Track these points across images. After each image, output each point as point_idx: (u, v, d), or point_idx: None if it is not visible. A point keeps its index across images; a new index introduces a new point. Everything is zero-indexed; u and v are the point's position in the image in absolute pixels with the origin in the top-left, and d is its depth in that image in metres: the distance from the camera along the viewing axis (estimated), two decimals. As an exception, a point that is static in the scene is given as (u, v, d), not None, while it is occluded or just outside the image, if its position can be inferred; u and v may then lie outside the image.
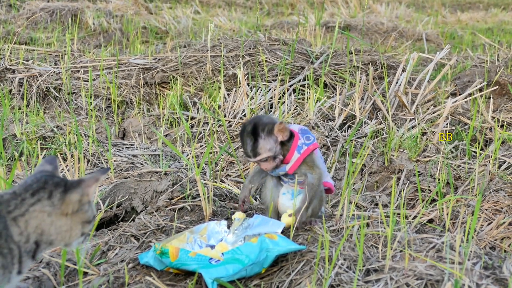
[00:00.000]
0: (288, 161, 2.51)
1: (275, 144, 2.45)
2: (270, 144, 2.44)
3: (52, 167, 1.83)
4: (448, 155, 3.55)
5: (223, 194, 3.02)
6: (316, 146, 2.54)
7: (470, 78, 4.92)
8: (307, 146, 2.50)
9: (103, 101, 4.50)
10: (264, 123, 2.45)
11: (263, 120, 2.46)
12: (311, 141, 2.53)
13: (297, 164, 2.50)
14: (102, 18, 7.84)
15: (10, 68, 4.79)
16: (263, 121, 2.46)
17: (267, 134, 2.44)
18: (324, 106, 4.12)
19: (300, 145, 2.50)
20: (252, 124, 2.45)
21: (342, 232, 2.44)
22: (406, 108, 4.02)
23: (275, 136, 2.45)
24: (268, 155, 2.45)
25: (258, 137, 2.44)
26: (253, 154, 2.46)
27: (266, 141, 2.43)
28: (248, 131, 2.46)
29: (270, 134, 2.44)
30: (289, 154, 2.50)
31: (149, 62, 4.78)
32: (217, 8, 10.70)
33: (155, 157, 3.44)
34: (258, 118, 2.49)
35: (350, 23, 8.39)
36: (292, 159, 2.50)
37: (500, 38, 7.97)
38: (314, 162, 2.52)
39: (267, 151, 2.44)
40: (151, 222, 2.69)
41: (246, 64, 4.63)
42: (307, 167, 2.51)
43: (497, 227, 2.70)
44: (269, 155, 2.45)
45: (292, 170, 2.51)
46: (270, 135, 2.44)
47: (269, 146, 2.44)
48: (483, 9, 12.83)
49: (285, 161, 2.52)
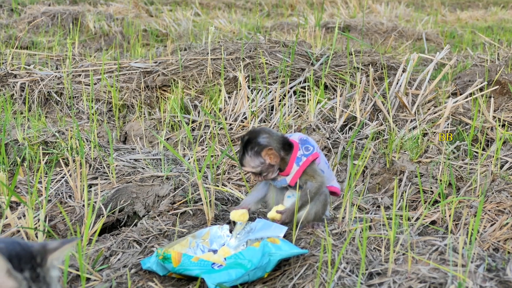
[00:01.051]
0: (288, 173, 2.53)
1: (261, 165, 2.49)
2: (255, 163, 2.49)
3: None
4: (450, 155, 3.55)
5: (225, 198, 3.02)
6: (316, 156, 2.54)
7: (471, 78, 4.92)
8: (306, 157, 2.51)
9: (104, 105, 4.50)
10: (256, 142, 2.49)
11: (258, 138, 2.50)
12: (310, 151, 2.53)
13: (297, 176, 2.52)
14: (103, 22, 7.85)
15: (11, 73, 4.80)
16: (257, 140, 2.49)
17: (254, 154, 2.48)
18: (324, 108, 4.12)
19: (299, 156, 2.51)
20: (247, 138, 2.50)
21: (345, 235, 2.44)
22: (407, 109, 4.02)
23: (263, 158, 2.48)
24: (251, 171, 2.50)
25: (246, 153, 2.50)
26: (240, 164, 2.54)
27: (252, 159, 2.49)
28: (243, 141, 2.53)
29: (257, 155, 2.49)
30: (288, 166, 2.52)
31: (150, 66, 4.79)
32: (217, 10, 10.70)
33: (157, 161, 3.44)
34: (257, 134, 2.52)
35: (350, 24, 8.39)
36: (292, 171, 2.52)
37: (500, 37, 7.97)
38: (315, 172, 2.53)
39: (251, 167, 2.49)
40: (154, 227, 2.69)
41: (247, 67, 4.63)
42: (307, 176, 2.53)
43: (500, 228, 2.70)
44: (253, 171, 2.50)
45: (293, 182, 2.53)
46: (257, 156, 2.49)
47: (253, 164, 2.49)
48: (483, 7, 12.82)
49: (284, 173, 2.53)
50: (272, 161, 2.50)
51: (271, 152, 2.48)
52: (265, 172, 2.52)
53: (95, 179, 3.21)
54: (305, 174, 2.52)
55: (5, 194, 2.86)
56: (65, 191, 3.08)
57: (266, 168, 2.51)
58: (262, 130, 2.57)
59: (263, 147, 2.48)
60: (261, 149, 2.48)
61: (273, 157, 2.49)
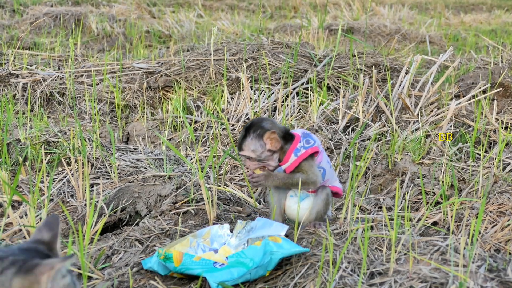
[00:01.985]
0: (285, 162, 2.53)
1: (261, 149, 2.48)
2: (255, 146, 2.48)
3: (50, 234, 1.58)
4: (452, 157, 3.55)
5: (227, 198, 3.02)
6: (316, 150, 2.53)
7: (474, 80, 4.92)
8: (305, 150, 2.51)
9: (106, 105, 4.50)
10: (260, 126, 2.49)
11: (262, 123, 2.51)
12: (311, 144, 2.53)
13: (293, 166, 2.51)
14: (105, 23, 7.86)
15: (14, 73, 4.80)
16: (260, 124, 2.50)
17: (256, 137, 2.48)
18: (327, 109, 4.11)
19: (299, 148, 2.51)
20: (251, 122, 2.51)
21: (346, 235, 2.43)
22: (409, 110, 4.02)
23: (264, 142, 2.48)
24: (249, 155, 2.49)
25: (248, 135, 2.49)
26: (239, 148, 2.53)
27: (253, 142, 2.48)
28: (245, 126, 2.53)
29: (259, 138, 2.48)
30: (286, 156, 2.52)
31: (152, 66, 4.79)
32: (220, 12, 10.71)
33: (159, 161, 3.44)
34: (260, 120, 2.54)
35: (353, 26, 8.39)
36: (289, 161, 2.52)
37: (504, 40, 7.96)
38: (311, 167, 2.53)
39: (250, 151, 2.48)
40: (155, 226, 2.69)
41: (249, 68, 4.63)
42: (302, 170, 2.52)
43: (502, 230, 2.70)
44: (251, 155, 2.49)
45: (288, 170, 2.53)
46: (258, 139, 2.48)
47: (253, 147, 2.48)
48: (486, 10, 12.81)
49: (283, 162, 2.53)
50: (272, 146, 2.49)
51: (273, 136, 2.47)
52: (264, 160, 2.51)
53: (97, 179, 3.21)
54: (300, 168, 2.52)
55: (7, 193, 2.86)
56: (67, 191, 3.08)
57: (265, 154, 2.50)
58: (266, 118, 2.59)
59: (266, 130, 2.48)
60: (263, 132, 2.48)
61: (274, 142, 2.48)
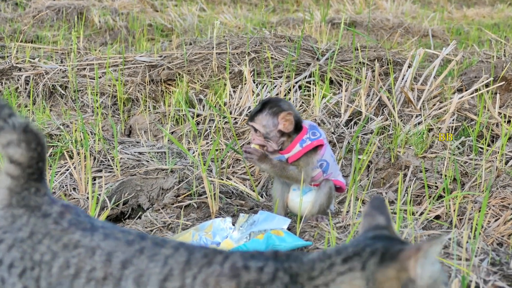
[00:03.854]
0: (288, 152, 2.52)
1: (272, 127, 2.48)
2: (267, 122, 2.48)
3: (384, 217, 1.42)
4: (455, 151, 3.54)
5: (229, 191, 3.02)
6: (321, 143, 2.53)
7: (477, 74, 4.90)
8: (311, 141, 2.51)
9: (109, 98, 4.50)
10: (277, 104, 2.51)
11: (280, 102, 2.53)
12: (317, 137, 2.53)
13: (297, 156, 2.52)
14: (108, 16, 7.85)
15: (16, 66, 4.80)
16: (278, 103, 2.52)
17: (271, 113, 2.49)
18: (330, 103, 4.11)
19: (305, 139, 2.52)
20: (269, 98, 2.54)
21: (349, 228, 2.43)
22: (412, 104, 4.01)
23: (277, 121, 2.48)
24: (258, 128, 2.48)
25: (264, 109, 2.50)
26: (251, 118, 2.53)
27: (266, 117, 2.49)
28: (264, 99, 2.55)
29: (274, 115, 2.49)
30: (291, 145, 2.52)
31: (155, 60, 4.78)
32: (222, 5, 10.69)
33: (161, 155, 3.44)
34: (279, 99, 2.59)
35: (356, 20, 8.37)
36: (294, 150, 2.52)
37: (507, 34, 7.94)
38: (307, 165, 2.53)
39: (261, 125, 2.49)
40: (158, 220, 2.69)
41: (252, 61, 4.63)
42: (301, 163, 2.53)
43: (504, 223, 2.69)
44: (260, 129, 2.48)
45: (291, 160, 2.53)
46: (273, 116, 2.49)
47: (265, 122, 2.48)
48: (489, 4, 12.78)
49: (285, 151, 2.53)
50: (284, 128, 2.48)
51: (289, 117, 2.47)
52: (269, 139, 2.51)
53: (99, 172, 3.21)
54: (300, 160, 2.52)
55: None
56: (70, 184, 3.08)
57: (273, 133, 2.49)
58: (284, 99, 2.60)
59: (282, 109, 2.49)
60: (280, 111, 2.48)
61: (288, 124, 2.48)
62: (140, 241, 1.42)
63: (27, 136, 1.51)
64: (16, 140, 1.51)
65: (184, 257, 1.37)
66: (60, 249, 1.43)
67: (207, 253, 1.39)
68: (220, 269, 1.34)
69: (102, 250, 1.40)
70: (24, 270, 1.43)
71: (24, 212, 1.50)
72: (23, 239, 1.46)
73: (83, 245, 1.42)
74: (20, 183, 1.52)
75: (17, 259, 1.44)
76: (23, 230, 1.47)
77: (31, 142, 1.51)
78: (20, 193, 1.52)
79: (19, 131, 1.51)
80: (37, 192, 1.53)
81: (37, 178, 1.54)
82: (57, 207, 1.51)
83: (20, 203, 1.51)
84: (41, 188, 1.54)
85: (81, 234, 1.44)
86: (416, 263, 1.25)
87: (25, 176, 1.53)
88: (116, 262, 1.38)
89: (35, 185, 1.53)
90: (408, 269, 1.26)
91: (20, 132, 1.51)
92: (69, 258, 1.41)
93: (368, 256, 1.29)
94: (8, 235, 1.47)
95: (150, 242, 1.42)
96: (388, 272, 1.27)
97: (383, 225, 1.39)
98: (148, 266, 1.37)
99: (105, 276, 1.38)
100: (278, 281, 1.31)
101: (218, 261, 1.36)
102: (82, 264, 1.40)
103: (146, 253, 1.39)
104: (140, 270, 1.37)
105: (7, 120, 1.52)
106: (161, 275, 1.36)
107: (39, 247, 1.44)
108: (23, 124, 1.53)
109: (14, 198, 1.52)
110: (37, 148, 1.52)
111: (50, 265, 1.42)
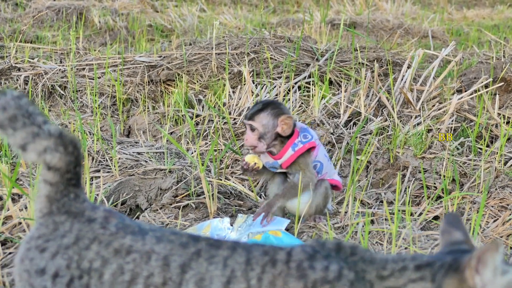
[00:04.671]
0: (280, 157, 2.53)
1: (271, 128, 2.50)
2: (268, 122, 2.50)
3: (461, 232, 1.42)
4: (454, 152, 3.54)
5: (227, 192, 3.01)
6: (313, 145, 2.54)
7: (476, 75, 4.90)
8: (302, 144, 2.52)
9: (108, 99, 4.50)
10: (278, 106, 2.53)
11: (281, 105, 2.56)
12: (308, 139, 2.54)
13: (291, 160, 2.52)
14: (108, 16, 7.85)
15: (15, 66, 4.80)
16: (279, 106, 2.55)
17: (272, 114, 2.50)
18: (329, 103, 4.11)
19: (296, 142, 2.52)
20: (270, 100, 2.55)
21: (347, 229, 2.43)
22: (411, 105, 4.01)
23: (277, 123, 2.49)
24: (257, 127, 2.49)
25: (265, 109, 2.51)
26: (249, 117, 2.53)
27: (267, 117, 2.50)
28: (264, 100, 2.57)
29: (275, 116, 2.50)
30: (283, 150, 2.52)
31: (154, 60, 4.78)
32: (222, 6, 10.69)
33: (160, 155, 3.43)
34: (279, 102, 2.61)
35: (356, 21, 8.37)
36: (286, 155, 2.52)
37: (506, 35, 7.94)
38: (307, 166, 2.53)
39: (261, 124, 2.50)
40: (156, 220, 2.68)
41: (251, 62, 4.62)
42: (298, 168, 2.53)
43: (503, 224, 2.69)
44: (258, 128, 2.49)
45: (285, 165, 2.54)
46: (273, 117, 2.50)
47: (265, 122, 2.50)
48: (489, 6, 12.78)
49: (277, 156, 2.53)
50: (282, 131, 2.50)
51: (288, 120, 2.49)
52: (264, 139, 2.51)
53: (97, 172, 3.21)
54: (297, 164, 2.53)
55: (7, 185, 2.86)
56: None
57: (269, 134, 2.51)
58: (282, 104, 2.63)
59: (283, 112, 2.51)
60: (281, 113, 2.50)
61: (286, 128, 2.50)
62: (195, 243, 1.39)
63: (63, 141, 1.49)
64: (53, 145, 1.49)
65: (244, 257, 1.36)
66: (111, 255, 1.39)
67: (266, 250, 1.37)
68: (286, 269, 1.33)
69: (157, 254, 1.37)
70: (71, 279, 1.39)
71: (66, 219, 1.47)
72: (68, 245, 1.42)
73: (136, 250, 1.39)
74: (59, 190, 1.50)
75: (63, 268, 1.40)
76: (68, 236, 1.43)
77: (68, 146, 1.49)
78: (60, 200, 1.49)
79: (55, 136, 1.49)
80: (77, 198, 1.51)
81: (75, 183, 1.52)
82: (100, 212, 1.48)
83: (61, 210, 1.48)
84: (80, 194, 1.52)
85: (132, 238, 1.40)
86: (472, 273, 1.25)
87: (64, 182, 1.50)
88: (174, 266, 1.36)
89: (74, 190, 1.51)
90: (466, 279, 1.26)
91: (57, 138, 1.49)
92: (123, 264, 1.38)
93: (439, 267, 1.29)
94: (51, 243, 1.44)
95: (205, 244, 1.39)
96: (451, 283, 1.27)
97: (460, 240, 1.39)
98: (208, 269, 1.35)
99: (164, 281, 1.35)
100: (344, 279, 1.31)
101: (282, 259, 1.35)
102: (138, 270, 1.37)
103: (203, 255, 1.37)
104: (200, 273, 1.35)
105: (42, 127, 1.50)
106: (223, 277, 1.34)
107: (87, 253, 1.41)
108: (58, 130, 1.51)
109: (54, 206, 1.49)
110: (74, 152, 1.49)
111: (100, 272, 1.38)
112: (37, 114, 1.52)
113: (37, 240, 1.46)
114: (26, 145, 1.49)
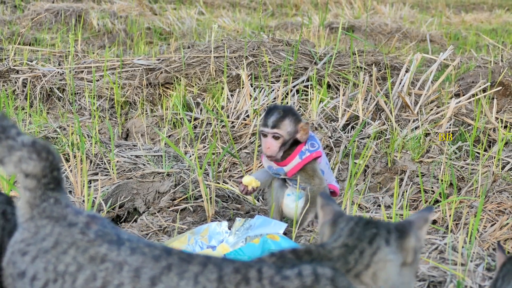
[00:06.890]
0: (286, 164, 2.53)
1: (293, 133, 2.51)
2: (291, 128, 2.51)
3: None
4: (452, 156, 3.54)
5: (225, 195, 3.01)
6: (319, 155, 2.56)
7: (474, 79, 4.91)
8: (310, 153, 2.53)
9: (106, 101, 4.50)
10: (295, 113, 2.55)
11: (296, 112, 2.58)
12: (315, 148, 2.55)
13: (297, 168, 2.52)
14: (106, 19, 7.85)
15: (14, 68, 4.80)
16: (296, 112, 2.58)
17: (294, 121, 2.51)
18: (327, 107, 4.11)
19: (304, 150, 2.53)
20: (288, 106, 2.56)
21: (344, 233, 2.43)
22: (409, 108, 4.01)
23: (297, 129, 2.51)
24: (282, 134, 2.49)
25: (287, 116, 2.51)
26: (272, 125, 2.50)
27: (291, 124, 2.51)
28: (281, 107, 2.54)
29: (296, 123, 2.51)
30: (290, 157, 2.52)
31: (152, 63, 4.78)
32: (221, 9, 10.70)
33: (158, 158, 3.44)
34: (294, 109, 2.61)
35: (354, 24, 8.38)
36: (292, 162, 2.52)
37: (504, 39, 7.95)
38: (314, 171, 2.54)
39: (286, 131, 2.49)
40: (154, 223, 2.68)
41: (250, 65, 4.63)
42: (307, 175, 2.53)
43: (501, 228, 2.69)
44: (283, 135, 2.49)
45: (291, 173, 2.53)
46: (295, 123, 2.52)
47: (289, 129, 2.51)
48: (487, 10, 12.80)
49: (283, 163, 2.53)
50: (301, 136, 2.52)
51: (307, 127, 2.51)
52: (285, 144, 2.52)
53: (95, 175, 3.21)
54: (305, 172, 2.52)
55: (5, 188, 2.86)
56: (66, 187, 3.07)
57: (290, 140, 2.52)
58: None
59: (300, 119, 2.52)
60: (300, 120, 2.52)
61: (304, 133, 2.52)
62: (167, 256, 1.40)
63: (36, 148, 1.51)
64: (26, 154, 1.51)
65: (215, 274, 1.35)
66: (86, 261, 1.41)
67: (237, 267, 1.36)
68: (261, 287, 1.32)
69: (129, 265, 1.38)
70: (46, 282, 1.41)
71: (48, 222, 1.48)
72: (47, 249, 1.44)
73: (110, 259, 1.40)
74: (38, 195, 1.51)
75: (40, 271, 1.42)
76: (47, 240, 1.45)
77: (41, 152, 1.51)
78: (40, 205, 1.50)
79: (28, 145, 1.51)
80: (57, 203, 1.51)
81: (54, 188, 1.53)
82: (83, 217, 1.49)
83: (42, 215, 1.49)
84: (60, 199, 1.53)
85: (108, 248, 1.41)
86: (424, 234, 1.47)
87: (42, 187, 1.51)
88: (145, 278, 1.37)
89: (53, 195, 1.52)
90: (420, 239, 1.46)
91: (29, 146, 1.51)
92: (96, 271, 1.39)
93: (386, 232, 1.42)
94: (31, 247, 1.45)
95: (176, 258, 1.39)
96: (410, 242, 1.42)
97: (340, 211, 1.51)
98: (179, 284, 1.35)
99: None
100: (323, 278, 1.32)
101: (254, 277, 1.34)
102: (109, 278, 1.38)
103: (174, 270, 1.37)
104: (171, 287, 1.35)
105: (16, 139, 1.52)
106: None
107: (64, 257, 1.42)
108: (31, 139, 1.53)
109: (35, 211, 1.50)
110: (48, 157, 1.52)
111: (75, 277, 1.40)
112: (11, 127, 1.54)
113: (20, 244, 1.48)
114: (3, 159, 1.52)
